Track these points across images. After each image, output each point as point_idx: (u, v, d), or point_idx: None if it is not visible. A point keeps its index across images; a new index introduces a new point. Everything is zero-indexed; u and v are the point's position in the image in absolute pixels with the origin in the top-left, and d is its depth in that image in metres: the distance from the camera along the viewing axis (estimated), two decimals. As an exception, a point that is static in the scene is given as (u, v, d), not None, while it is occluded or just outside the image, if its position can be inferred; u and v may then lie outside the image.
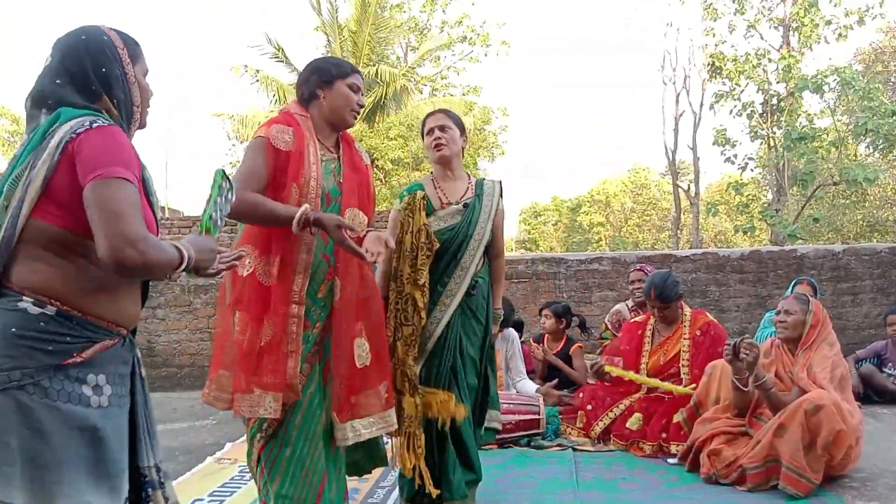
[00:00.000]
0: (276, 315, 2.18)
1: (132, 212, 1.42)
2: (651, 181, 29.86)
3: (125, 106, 1.61)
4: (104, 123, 1.48)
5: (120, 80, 1.60)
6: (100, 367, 1.48)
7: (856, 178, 12.81)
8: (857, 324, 6.70)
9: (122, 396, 1.54)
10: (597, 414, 4.27)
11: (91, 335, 1.47)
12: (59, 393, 1.42)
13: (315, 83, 2.36)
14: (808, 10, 15.40)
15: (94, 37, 1.59)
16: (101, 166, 1.42)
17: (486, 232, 3.04)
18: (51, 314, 1.43)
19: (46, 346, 1.41)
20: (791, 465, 3.17)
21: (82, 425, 1.44)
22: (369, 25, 17.81)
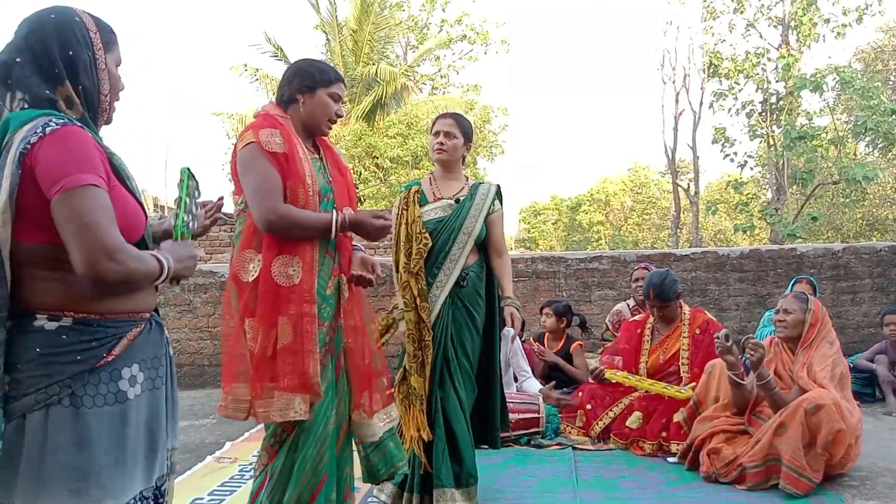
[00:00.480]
0: (293, 315, 2.16)
1: (105, 222, 1.36)
2: (651, 180, 29.84)
3: (91, 94, 1.51)
4: (57, 126, 1.39)
5: (88, 65, 1.49)
6: (132, 357, 1.48)
7: (855, 177, 12.82)
8: (857, 323, 6.70)
9: (155, 379, 1.55)
10: (597, 413, 4.27)
11: (116, 331, 1.46)
12: (95, 398, 1.42)
13: (297, 87, 2.32)
14: (806, 9, 15.39)
15: (65, 16, 1.49)
16: (62, 177, 1.35)
17: (477, 227, 3.13)
18: (69, 325, 1.41)
19: (75, 356, 1.40)
20: (791, 464, 3.17)
21: (120, 422, 1.44)
22: (370, 24, 17.81)
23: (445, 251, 3.10)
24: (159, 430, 1.55)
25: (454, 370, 3.06)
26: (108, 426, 1.42)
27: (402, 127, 15.99)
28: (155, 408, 1.54)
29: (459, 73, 22.59)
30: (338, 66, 18.12)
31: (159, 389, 1.56)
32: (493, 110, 20.38)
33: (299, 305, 2.17)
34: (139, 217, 1.53)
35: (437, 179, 3.25)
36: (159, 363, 1.57)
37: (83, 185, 1.36)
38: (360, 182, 16.34)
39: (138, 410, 1.49)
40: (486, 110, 19.82)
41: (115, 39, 1.59)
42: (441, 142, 3.17)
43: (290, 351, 2.15)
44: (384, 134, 16.33)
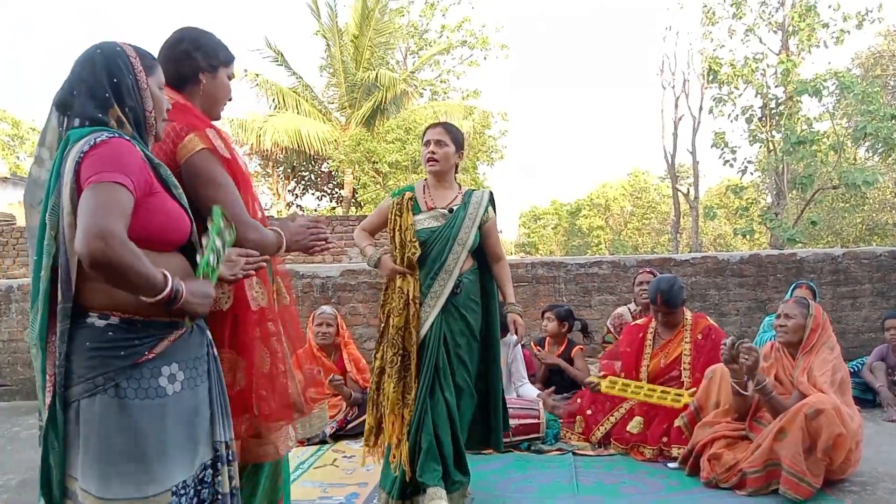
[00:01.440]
0: (267, 339, 2.02)
1: (114, 210, 1.48)
2: (650, 185, 29.89)
3: (137, 113, 1.70)
4: (107, 137, 1.58)
5: (131, 88, 1.69)
6: (171, 357, 1.64)
7: (855, 182, 12.81)
8: (857, 327, 6.69)
9: (195, 378, 1.69)
10: (597, 418, 4.27)
11: (157, 332, 1.62)
12: (137, 391, 1.58)
13: (199, 63, 2.03)
14: (805, 15, 15.42)
15: (108, 50, 1.71)
16: (95, 173, 1.52)
17: (471, 236, 3.15)
18: (116, 323, 1.59)
19: (119, 352, 1.58)
20: (791, 470, 3.17)
21: (160, 414, 1.60)
22: (370, 30, 17.85)
23: (441, 262, 3.12)
24: (200, 424, 1.69)
25: (445, 378, 3.06)
26: (149, 417, 1.58)
27: (400, 132, 16.02)
28: (194, 403, 1.68)
29: (459, 79, 22.62)
30: (338, 72, 18.18)
31: (199, 387, 1.70)
32: (493, 115, 20.39)
33: (266, 325, 2.02)
34: (183, 220, 1.68)
35: (430, 188, 3.26)
36: (199, 363, 1.71)
37: (110, 181, 1.51)
38: (360, 187, 16.36)
39: (178, 405, 1.64)
40: (486, 115, 19.84)
41: (156, 65, 1.78)
42: (433, 151, 3.18)
43: (269, 376, 2.01)
44: (383, 139, 16.36)
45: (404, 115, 17.26)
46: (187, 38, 2.07)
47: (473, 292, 3.20)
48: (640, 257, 7.16)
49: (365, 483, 3.61)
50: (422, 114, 17.37)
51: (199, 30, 2.12)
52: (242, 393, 1.99)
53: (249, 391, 1.99)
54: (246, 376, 1.99)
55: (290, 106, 17.75)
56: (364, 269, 6.42)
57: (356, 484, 3.62)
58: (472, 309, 3.18)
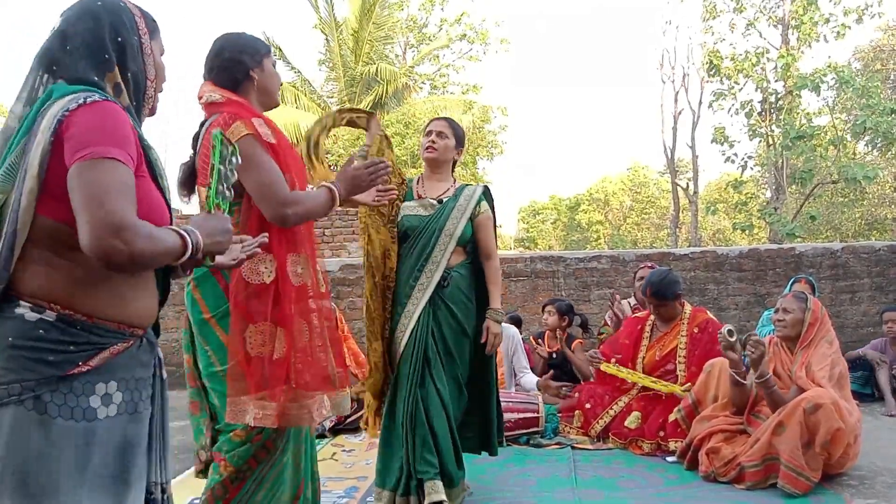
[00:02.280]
0: (304, 313, 2.12)
1: (120, 196, 1.25)
2: (650, 179, 29.85)
3: (138, 80, 1.48)
4: (100, 98, 1.33)
5: (136, 49, 1.47)
6: (110, 373, 1.34)
7: (854, 177, 12.80)
8: (856, 322, 6.70)
9: (139, 402, 1.40)
10: (596, 412, 4.27)
11: (98, 340, 1.33)
12: (62, 408, 1.28)
13: (248, 63, 2.18)
14: (807, 9, 15.38)
15: (110, 3, 1.46)
16: (89, 145, 1.26)
17: (459, 228, 3.10)
18: (50, 320, 1.29)
19: (47, 357, 1.27)
20: (790, 464, 3.17)
21: (84, 441, 1.30)
22: (370, 23, 17.80)
23: (427, 253, 3.08)
24: (134, 460, 1.39)
25: (435, 370, 3.03)
26: (70, 443, 1.28)
27: (400, 126, 15.99)
28: (133, 435, 1.39)
29: (459, 73, 22.59)
30: (337, 66, 18.14)
31: (141, 414, 1.41)
32: (492, 110, 20.36)
33: (306, 302, 2.13)
34: (162, 212, 1.43)
35: (423, 179, 3.26)
36: (144, 385, 1.42)
37: (108, 157, 1.27)
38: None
39: (110, 433, 1.33)
40: (486, 110, 19.81)
41: (157, 27, 1.56)
42: (433, 140, 3.16)
43: (308, 350, 2.11)
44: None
45: (404, 109, 17.24)
46: (227, 45, 2.21)
47: (464, 286, 3.13)
48: (640, 252, 7.17)
49: (364, 477, 3.62)
50: (421, 108, 17.34)
51: (233, 33, 2.27)
52: (282, 362, 2.07)
53: (288, 361, 2.08)
54: (286, 346, 2.08)
55: (289, 100, 17.70)
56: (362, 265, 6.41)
57: (355, 478, 3.63)
58: (461, 303, 3.11)
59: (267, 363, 2.06)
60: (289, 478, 2.19)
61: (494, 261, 3.21)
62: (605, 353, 4.51)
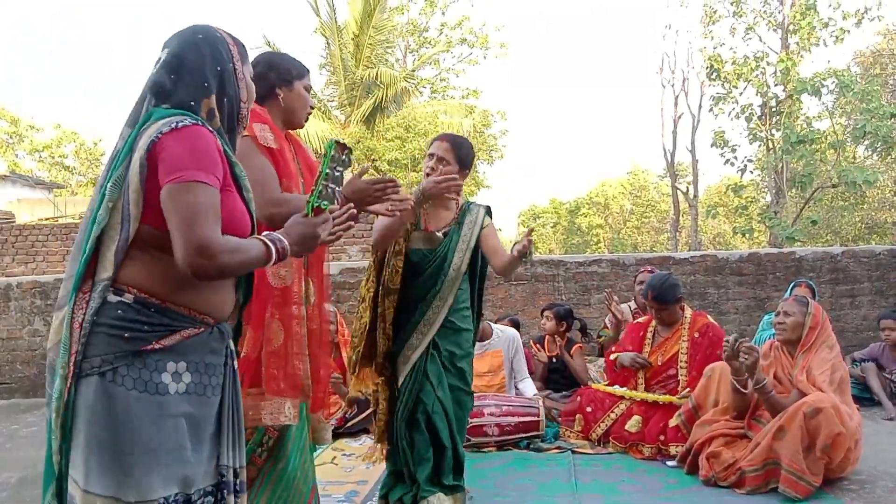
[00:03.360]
0: (285, 318, 2.12)
1: (205, 218, 1.42)
2: (650, 183, 29.87)
3: (233, 103, 1.64)
4: (189, 123, 1.49)
5: (231, 77, 1.64)
6: (181, 354, 1.49)
7: (854, 181, 12.81)
8: (856, 326, 6.70)
9: (207, 386, 1.54)
10: (596, 416, 4.27)
11: (170, 323, 1.48)
12: (136, 381, 1.43)
13: (274, 81, 2.28)
14: (806, 13, 15.41)
15: (209, 35, 1.64)
16: (179, 169, 1.43)
17: (464, 261, 3.06)
18: (128, 302, 1.45)
19: (123, 333, 1.43)
20: (791, 468, 3.17)
21: (158, 413, 1.44)
22: (370, 27, 17.82)
23: (436, 290, 3.02)
24: (202, 439, 1.53)
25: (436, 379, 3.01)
26: (142, 412, 1.43)
27: (400, 130, 16.01)
28: (200, 414, 1.53)
29: (459, 77, 22.62)
30: (338, 70, 18.16)
31: (209, 398, 1.55)
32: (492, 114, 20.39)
33: (290, 307, 2.13)
34: (245, 223, 1.58)
35: (428, 206, 3.09)
36: (213, 372, 1.56)
37: (195, 181, 1.44)
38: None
39: (179, 408, 1.48)
40: (486, 114, 19.83)
41: (247, 53, 1.72)
42: (433, 167, 3.00)
43: (279, 354, 2.10)
44: (383, 137, 16.34)
45: (404, 113, 17.26)
46: (262, 61, 2.31)
47: (464, 302, 3.13)
48: (640, 256, 7.16)
49: (364, 481, 3.62)
50: (422, 112, 17.36)
51: (274, 52, 2.40)
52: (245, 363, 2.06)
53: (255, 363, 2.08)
54: (253, 347, 2.09)
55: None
56: (362, 267, 6.41)
57: (355, 482, 3.63)
58: (464, 317, 3.12)
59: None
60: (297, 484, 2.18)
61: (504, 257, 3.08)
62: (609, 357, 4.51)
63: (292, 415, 2.12)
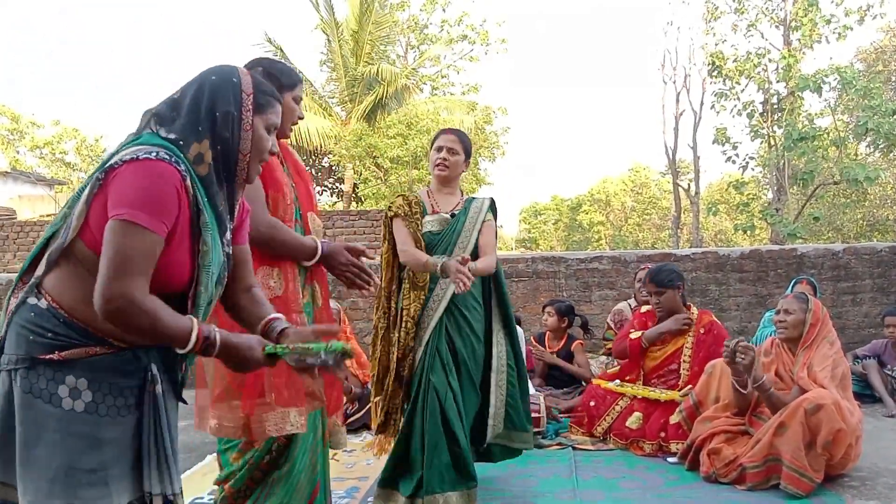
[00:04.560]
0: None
1: (132, 267, 1.38)
2: (651, 180, 29.85)
3: (228, 149, 1.56)
4: (154, 158, 1.42)
5: (230, 121, 1.55)
6: (83, 371, 1.44)
7: (856, 178, 12.81)
8: (857, 323, 6.69)
9: (112, 406, 1.46)
10: (600, 412, 4.28)
11: (76, 338, 1.44)
12: (33, 386, 1.42)
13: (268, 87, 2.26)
14: (808, 10, 15.38)
15: (222, 77, 1.57)
16: (125, 205, 1.38)
17: (471, 241, 3.21)
18: (42, 307, 1.45)
19: (30, 336, 1.44)
20: (792, 465, 3.17)
21: (47, 424, 1.42)
22: (370, 24, 17.80)
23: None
24: (111, 461, 1.46)
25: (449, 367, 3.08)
26: (35, 419, 1.42)
27: (402, 127, 15.98)
28: (110, 437, 1.46)
29: (460, 73, 22.58)
30: (338, 67, 18.15)
31: (116, 419, 1.47)
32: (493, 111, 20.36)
33: (287, 315, 2.07)
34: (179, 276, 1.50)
35: (434, 193, 3.34)
36: (121, 393, 1.48)
37: (135, 223, 1.38)
38: (361, 182, 16.36)
39: (70, 425, 1.42)
40: (487, 111, 19.81)
41: (272, 104, 1.63)
42: (444, 157, 3.24)
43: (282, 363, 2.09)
44: (384, 134, 16.33)
45: (405, 109, 17.24)
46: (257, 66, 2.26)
47: (475, 292, 3.23)
48: (641, 252, 7.16)
49: (365, 477, 3.62)
50: (423, 108, 17.34)
51: (268, 58, 2.33)
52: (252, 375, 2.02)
53: (262, 375, 2.06)
54: None
55: (291, 101, 17.72)
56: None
57: (356, 478, 3.63)
58: (473, 308, 3.22)
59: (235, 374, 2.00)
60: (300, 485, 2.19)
61: (489, 257, 3.21)
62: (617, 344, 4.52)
63: (299, 423, 2.12)
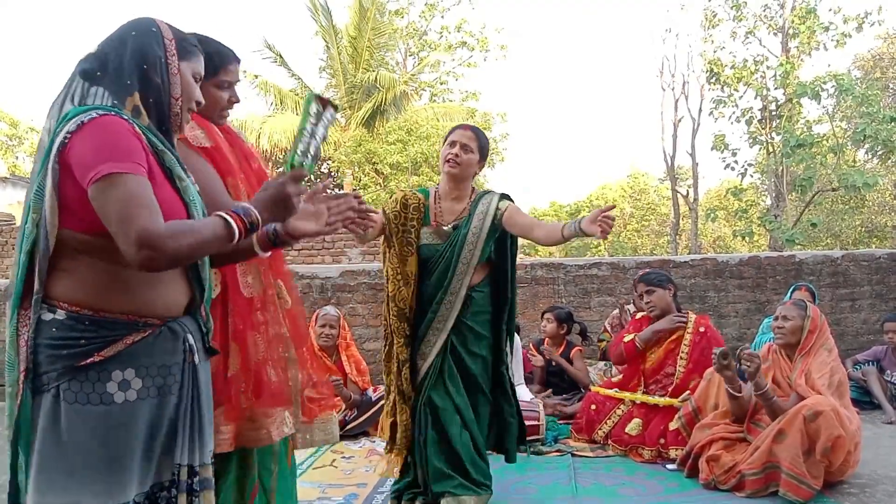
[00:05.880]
0: (258, 326, 2.02)
1: (137, 208, 1.35)
2: (650, 186, 29.87)
3: (160, 95, 1.54)
4: (97, 116, 1.41)
5: (158, 65, 1.53)
6: (127, 362, 1.44)
7: (854, 184, 12.81)
8: (856, 330, 6.70)
9: (162, 387, 1.49)
10: (600, 417, 4.28)
11: (108, 333, 1.43)
12: (78, 395, 1.40)
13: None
14: (806, 17, 15.43)
15: (142, 30, 1.55)
16: (92, 166, 1.36)
17: (475, 256, 2.97)
18: (61, 318, 1.42)
19: (61, 351, 1.40)
20: (791, 472, 3.17)
21: (103, 424, 1.41)
22: (368, 31, 17.85)
23: (445, 285, 2.98)
24: (157, 441, 1.48)
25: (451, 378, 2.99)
26: (90, 425, 1.40)
27: (401, 133, 16.02)
28: (154, 416, 1.48)
29: (458, 80, 22.63)
30: (337, 73, 18.18)
31: (166, 399, 1.49)
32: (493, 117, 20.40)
33: (264, 314, 2.03)
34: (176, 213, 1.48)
35: (441, 198, 3.09)
36: (168, 372, 1.50)
37: (114, 174, 1.36)
38: (361, 188, 16.38)
39: (127, 415, 1.43)
40: (487, 117, 19.84)
41: (195, 52, 1.62)
42: (456, 153, 2.97)
43: (265, 364, 2.01)
44: (384, 140, 16.37)
45: (405, 116, 17.27)
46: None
47: (482, 305, 3.05)
48: (640, 259, 7.16)
49: (364, 483, 3.61)
50: (422, 115, 17.38)
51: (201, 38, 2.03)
52: (237, 377, 1.97)
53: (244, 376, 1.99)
54: (241, 362, 1.98)
55: (290, 107, 17.77)
56: (363, 270, 6.42)
57: (355, 485, 3.62)
58: (482, 319, 3.07)
59: (220, 381, 1.92)
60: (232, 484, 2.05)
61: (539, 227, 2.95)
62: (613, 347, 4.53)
63: (290, 423, 2.06)
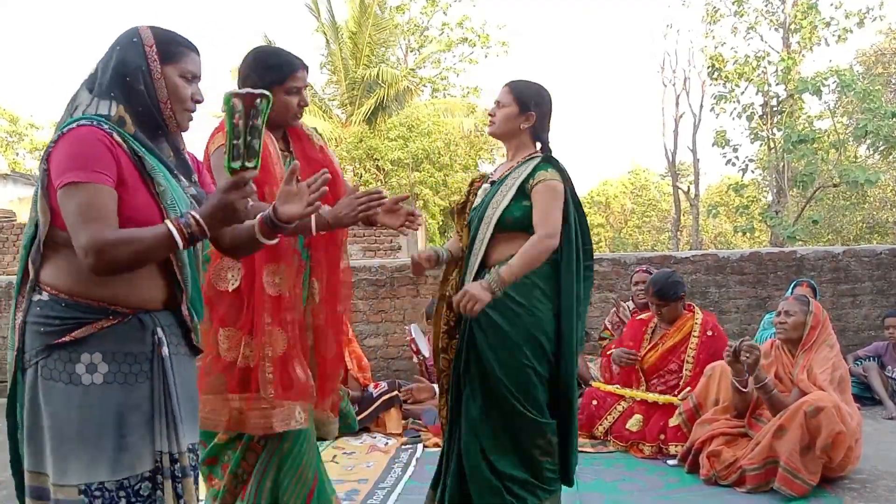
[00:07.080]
0: (286, 324, 2.13)
1: (90, 218, 1.46)
2: (651, 182, 29.85)
3: (147, 102, 1.62)
4: (75, 127, 1.53)
5: (139, 74, 1.61)
6: (95, 346, 1.54)
7: (856, 180, 12.81)
8: (857, 325, 6.69)
9: (128, 374, 1.56)
10: (601, 412, 4.28)
11: (81, 316, 1.54)
12: (53, 372, 1.53)
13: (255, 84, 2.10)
14: (807, 12, 15.40)
15: (125, 40, 1.64)
16: (60, 174, 1.49)
17: (498, 212, 2.56)
18: (45, 299, 1.55)
19: (40, 329, 1.54)
20: (787, 466, 3.17)
21: (72, 403, 1.52)
22: (369, 27, 17.81)
23: (469, 250, 2.65)
24: (130, 428, 1.55)
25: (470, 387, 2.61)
26: (55, 401, 1.52)
27: (402, 129, 16.00)
28: (121, 402, 1.55)
29: (459, 76, 22.60)
30: (338, 69, 18.15)
31: (132, 385, 1.56)
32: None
33: (290, 313, 2.15)
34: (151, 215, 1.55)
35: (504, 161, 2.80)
36: (135, 360, 1.57)
37: (71, 182, 1.48)
38: (362, 184, 16.37)
39: (93, 398, 1.53)
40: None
41: (180, 51, 1.66)
42: (491, 112, 2.73)
43: (284, 360, 2.13)
44: (385, 136, 16.34)
45: (406, 112, 17.25)
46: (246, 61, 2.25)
47: (511, 288, 2.48)
48: (641, 255, 7.16)
49: (365, 479, 3.62)
50: (423, 111, 17.36)
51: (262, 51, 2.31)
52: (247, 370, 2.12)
53: (256, 370, 2.12)
54: (256, 355, 2.11)
55: (290, 103, 17.73)
56: (364, 266, 6.42)
57: (356, 480, 3.63)
58: (509, 310, 2.51)
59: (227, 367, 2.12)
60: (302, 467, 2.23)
61: (538, 231, 2.51)
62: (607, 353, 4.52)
63: (303, 418, 2.16)
